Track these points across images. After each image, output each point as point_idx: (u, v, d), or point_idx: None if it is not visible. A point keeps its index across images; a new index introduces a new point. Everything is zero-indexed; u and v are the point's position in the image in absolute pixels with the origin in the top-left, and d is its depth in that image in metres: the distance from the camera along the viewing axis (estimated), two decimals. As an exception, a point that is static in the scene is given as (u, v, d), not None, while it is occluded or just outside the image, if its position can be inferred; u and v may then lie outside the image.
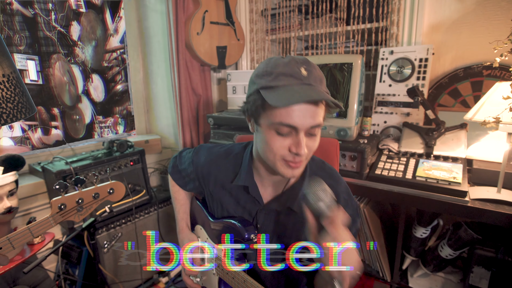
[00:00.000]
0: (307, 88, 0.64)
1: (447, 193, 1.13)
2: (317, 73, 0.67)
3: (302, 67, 0.65)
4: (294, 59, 0.66)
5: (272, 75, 0.65)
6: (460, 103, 1.46)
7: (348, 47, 1.84)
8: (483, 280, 1.17)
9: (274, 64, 0.67)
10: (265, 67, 0.68)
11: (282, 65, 0.65)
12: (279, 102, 0.62)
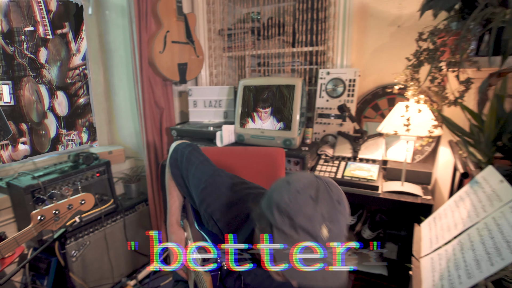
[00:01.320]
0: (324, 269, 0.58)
1: (366, 188, 1.44)
2: (340, 228, 0.60)
3: (324, 224, 0.58)
4: (321, 212, 0.59)
5: (291, 220, 0.59)
6: (379, 115, 1.82)
7: (294, 66, 2.14)
8: (393, 253, 1.51)
9: (298, 209, 0.59)
10: (288, 203, 0.60)
11: (305, 217, 0.58)
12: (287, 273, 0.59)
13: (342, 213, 0.62)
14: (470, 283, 0.55)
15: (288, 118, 1.68)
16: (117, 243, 2.02)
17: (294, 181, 0.63)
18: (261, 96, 1.76)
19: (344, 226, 0.63)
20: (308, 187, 0.61)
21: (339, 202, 0.62)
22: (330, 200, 0.61)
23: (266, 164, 1.18)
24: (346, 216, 0.63)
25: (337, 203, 0.61)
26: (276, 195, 0.63)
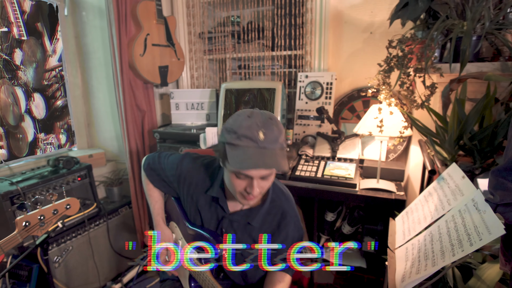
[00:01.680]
0: (261, 152, 0.81)
1: (344, 186, 1.53)
2: (273, 135, 0.82)
3: (260, 130, 0.81)
4: (256, 122, 0.82)
5: (236, 134, 0.82)
6: (356, 117, 1.92)
7: (274, 69, 2.21)
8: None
9: (239, 124, 0.83)
10: (233, 124, 0.84)
11: (245, 127, 0.81)
12: (235, 165, 0.81)
13: (274, 125, 0.84)
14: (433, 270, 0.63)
15: (269, 120, 1.75)
16: (101, 247, 2.00)
17: (234, 113, 0.88)
18: (243, 98, 1.81)
19: (278, 134, 0.84)
20: (245, 111, 0.86)
21: (271, 118, 0.85)
22: (263, 116, 0.84)
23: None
24: (279, 127, 0.85)
25: (269, 118, 0.84)
26: (224, 125, 0.88)
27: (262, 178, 0.86)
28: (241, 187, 0.87)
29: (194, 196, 1.05)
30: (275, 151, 0.83)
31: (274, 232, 1.00)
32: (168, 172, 1.10)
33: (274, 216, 1.01)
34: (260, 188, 0.87)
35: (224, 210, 1.00)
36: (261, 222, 0.99)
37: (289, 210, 1.02)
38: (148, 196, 1.17)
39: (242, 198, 0.90)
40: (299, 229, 1.05)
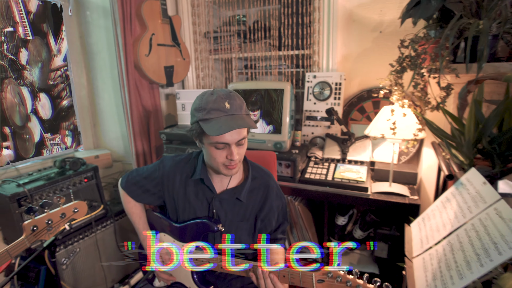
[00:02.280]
0: (231, 118, 0.92)
1: (355, 189, 1.50)
2: (237, 103, 0.94)
3: (225, 101, 0.92)
4: (219, 96, 0.93)
5: (205, 110, 0.92)
6: (366, 118, 1.89)
7: (281, 69, 2.17)
8: (383, 251, 1.58)
9: (206, 101, 0.93)
10: (200, 103, 0.94)
11: (211, 102, 0.92)
12: (213, 133, 0.89)
13: (236, 96, 0.95)
14: (462, 284, 0.60)
15: (277, 121, 1.72)
16: (108, 249, 1.99)
17: (198, 96, 0.98)
18: (250, 99, 1.78)
19: (241, 103, 0.96)
20: (207, 91, 0.97)
21: (231, 92, 0.96)
22: (223, 91, 0.95)
23: (258, 167, 1.22)
24: (240, 99, 0.97)
25: (229, 92, 0.95)
26: (192, 107, 0.97)
27: (238, 144, 0.95)
28: (222, 157, 0.96)
29: (180, 189, 1.11)
30: (242, 116, 0.94)
31: (261, 206, 1.08)
32: (150, 178, 1.15)
33: (258, 191, 1.09)
34: (239, 154, 0.96)
35: (211, 190, 1.07)
36: (248, 198, 1.07)
37: (270, 182, 1.12)
38: (130, 214, 1.22)
39: (225, 168, 0.98)
40: (281, 197, 1.14)
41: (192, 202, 1.09)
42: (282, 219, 1.14)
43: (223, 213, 1.08)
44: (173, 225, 1.12)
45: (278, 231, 1.14)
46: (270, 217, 1.10)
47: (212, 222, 1.03)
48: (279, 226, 1.14)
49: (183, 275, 1.11)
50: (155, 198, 1.17)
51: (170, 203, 1.14)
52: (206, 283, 1.10)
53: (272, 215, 1.10)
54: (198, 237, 1.05)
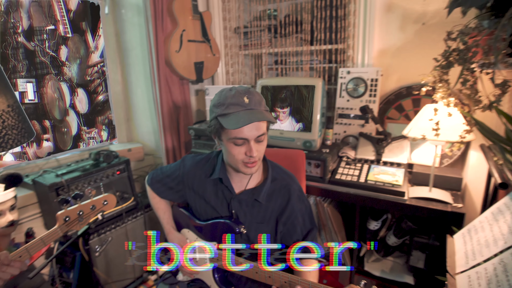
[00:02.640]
0: (250, 112, 0.89)
1: (391, 193, 1.40)
2: (256, 98, 0.92)
3: (244, 96, 0.90)
4: (238, 91, 0.91)
5: (224, 105, 0.90)
6: (404, 117, 1.76)
7: (313, 64, 2.09)
8: (420, 261, 1.47)
9: (224, 96, 0.91)
10: (218, 99, 0.93)
11: (230, 97, 0.90)
12: (232, 126, 0.87)
13: (255, 92, 0.93)
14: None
15: (307, 119, 1.65)
16: (138, 239, 2.05)
17: (217, 92, 0.96)
18: (279, 95, 1.73)
19: (260, 98, 0.94)
20: (225, 88, 0.94)
21: (250, 88, 0.94)
22: (241, 87, 0.94)
23: (286, 167, 1.16)
24: (259, 94, 0.95)
25: (248, 88, 0.94)
26: (211, 104, 0.96)
27: (257, 141, 0.93)
28: (241, 154, 0.93)
29: (200, 189, 1.10)
30: (261, 111, 0.92)
31: (282, 209, 1.04)
32: (172, 177, 1.17)
33: (279, 193, 1.05)
34: (258, 151, 0.93)
35: (230, 191, 1.05)
36: (267, 199, 1.04)
37: (291, 185, 1.06)
38: (156, 210, 1.24)
39: (244, 166, 0.95)
40: (304, 200, 1.09)
41: (212, 201, 1.08)
42: (310, 225, 1.08)
43: (242, 214, 1.05)
44: (196, 222, 1.12)
45: (307, 238, 1.07)
46: (294, 222, 1.04)
47: (234, 223, 1.01)
48: (308, 234, 1.07)
49: (205, 273, 1.10)
50: (178, 196, 1.18)
51: (192, 201, 1.14)
52: (227, 283, 1.08)
53: (295, 219, 1.04)
54: (220, 237, 1.03)
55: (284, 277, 0.87)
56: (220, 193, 1.07)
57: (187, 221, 1.16)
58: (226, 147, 0.95)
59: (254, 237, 1.04)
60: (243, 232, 1.01)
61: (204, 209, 1.10)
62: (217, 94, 0.95)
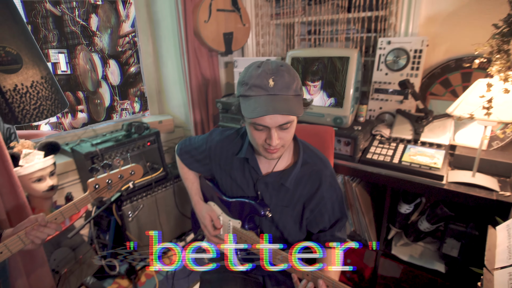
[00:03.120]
0: (271, 99, 0.79)
1: (427, 176, 1.29)
2: (284, 81, 0.80)
3: (270, 78, 0.79)
4: (265, 70, 0.80)
5: (247, 85, 0.81)
6: (450, 93, 1.58)
7: (349, 34, 1.92)
8: (454, 250, 1.37)
9: (249, 75, 0.82)
10: (244, 76, 0.84)
11: (255, 77, 0.80)
12: (248, 114, 0.80)
13: (285, 71, 0.81)
14: None
15: (340, 94, 1.54)
16: (168, 208, 2.14)
17: (246, 66, 0.86)
18: (311, 68, 1.62)
19: (290, 80, 0.81)
20: (255, 62, 0.85)
21: (282, 65, 0.82)
22: (272, 64, 0.82)
23: (313, 144, 1.09)
24: (291, 74, 0.82)
25: (280, 66, 0.81)
26: (238, 79, 0.87)
27: (280, 128, 0.84)
28: (262, 139, 0.86)
29: (226, 166, 1.06)
30: (288, 97, 0.81)
31: (310, 196, 0.97)
32: (199, 150, 1.13)
33: (308, 179, 0.98)
34: (281, 139, 0.85)
35: (256, 171, 1.00)
36: (295, 184, 0.98)
37: (323, 170, 0.98)
38: (184, 180, 1.22)
39: (265, 151, 0.89)
40: (335, 188, 1.00)
41: (238, 180, 1.04)
42: (340, 214, 1.02)
43: (267, 196, 1.00)
44: (221, 197, 1.10)
45: (335, 227, 1.01)
46: (322, 209, 0.98)
47: (260, 206, 0.98)
48: (336, 222, 1.01)
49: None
50: (205, 169, 1.16)
51: (218, 177, 1.11)
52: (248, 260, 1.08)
53: (323, 207, 0.98)
54: (244, 217, 1.02)
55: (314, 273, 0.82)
56: (247, 172, 1.02)
57: (213, 194, 1.16)
58: (248, 129, 0.89)
59: (279, 220, 1.00)
60: (269, 215, 0.97)
61: (230, 186, 1.08)
62: (245, 69, 0.85)
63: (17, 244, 0.89)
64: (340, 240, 1.01)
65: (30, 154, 1.40)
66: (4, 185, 1.22)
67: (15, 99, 1.17)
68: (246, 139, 1.02)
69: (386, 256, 1.58)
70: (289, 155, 1.01)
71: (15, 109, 1.18)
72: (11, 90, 1.16)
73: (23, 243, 0.90)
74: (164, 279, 1.93)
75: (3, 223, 1.19)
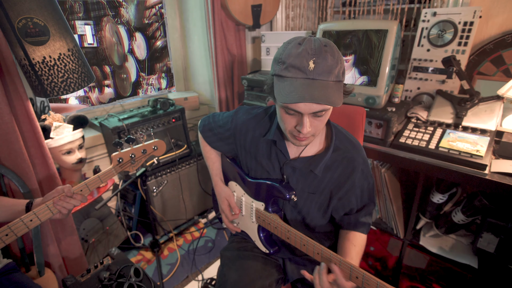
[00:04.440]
0: (309, 83, 0.70)
1: (468, 165, 1.17)
2: (327, 64, 0.70)
3: (311, 59, 0.70)
4: (307, 49, 0.70)
5: (284, 64, 0.72)
6: (502, 72, 1.40)
7: (389, 5, 1.75)
8: (490, 245, 1.26)
9: (288, 53, 0.72)
10: (282, 53, 0.74)
11: (294, 56, 0.71)
12: (280, 98, 0.72)
13: (329, 53, 0.70)
14: None
15: (374, 72, 1.42)
16: (191, 185, 2.18)
17: (285, 41, 0.77)
18: (343, 41, 1.50)
19: (333, 63, 0.71)
20: (296, 38, 0.74)
21: (326, 45, 0.71)
22: (316, 42, 0.72)
23: (342, 125, 1.01)
24: (335, 57, 0.72)
25: (324, 45, 0.71)
26: (274, 55, 0.78)
27: (314, 115, 0.76)
28: (291, 125, 0.79)
29: (252, 147, 1.01)
30: (328, 83, 0.71)
31: (340, 183, 0.91)
32: (224, 128, 1.08)
33: (339, 165, 0.91)
34: (313, 127, 0.77)
35: (284, 155, 0.94)
36: (324, 170, 0.91)
37: (356, 158, 0.91)
38: (206, 158, 1.18)
39: (293, 137, 0.82)
40: (368, 177, 0.94)
41: (263, 162, 0.99)
42: (368, 200, 0.96)
43: (294, 180, 0.95)
44: (245, 178, 1.06)
45: (361, 213, 0.96)
46: (350, 197, 0.93)
47: (285, 189, 0.92)
48: (363, 207, 0.96)
49: (250, 229, 1.10)
50: (229, 149, 1.11)
51: (242, 157, 1.07)
52: (271, 243, 1.06)
53: (352, 194, 0.92)
54: (268, 199, 0.98)
55: (335, 258, 0.79)
56: (273, 154, 0.97)
57: (235, 174, 1.12)
58: (279, 111, 0.81)
59: (303, 206, 0.96)
60: (294, 199, 0.93)
61: (255, 168, 1.03)
62: (284, 45, 0.76)
63: (46, 213, 0.93)
64: (364, 225, 0.96)
65: (60, 127, 1.45)
66: (36, 156, 1.27)
67: (44, 72, 1.18)
68: (275, 120, 0.95)
69: (413, 246, 1.50)
70: (321, 139, 0.94)
71: (44, 81, 1.20)
72: (40, 62, 1.17)
73: (51, 212, 0.93)
74: (185, 253, 1.99)
75: (35, 192, 1.25)
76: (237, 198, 1.12)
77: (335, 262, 0.78)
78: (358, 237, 0.95)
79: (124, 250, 1.99)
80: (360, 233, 0.96)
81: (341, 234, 0.99)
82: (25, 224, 0.89)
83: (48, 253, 1.35)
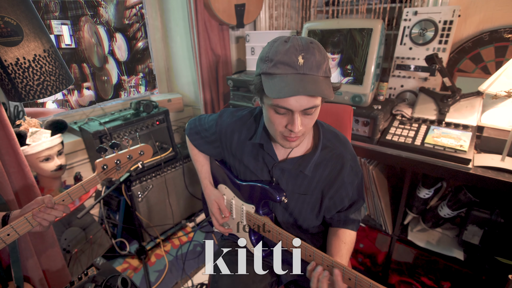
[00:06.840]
0: (300, 78, 0.69)
1: (452, 160, 1.20)
2: (315, 60, 0.70)
3: (300, 55, 0.69)
4: (294, 46, 0.70)
5: (272, 62, 0.71)
6: (480, 69, 1.45)
7: (371, 5, 1.77)
8: (475, 237, 1.30)
9: (275, 50, 0.71)
10: (268, 52, 0.73)
11: (281, 53, 0.70)
12: (272, 94, 0.70)
13: (316, 49, 0.71)
14: None
15: (359, 70, 1.43)
16: (178, 188, 2.13)
17: (270, 41, 0.76)
18: (329, 40, 1.50)
19: (320, 59, 0.71)
20: (281, 37, 0.74)
21: (311, 42, 0.72)
22: (302, 40, 0.71)
23: (330, 123, 1.01)
24: (322, 53, 0.72)
25: (310, 42, 0.71)
26: (259, 56, 0.77)
27: (304, 113, 0.74)
28: (282, 125, 0.77)
29: (238, 151, 0.99)
30: (318, 78, 0.71)
31: (330, 182, 0.91)
32: (209, 132, 1.06)
33: (327, 163, 0.90)
34: (303, 126, 0.76)
35: (272, 157, 0.92)
36: (314, 169, 0.90)
37: (344, 154, 0.90)
38: (194, 161, 1.16)
39: (283, 139, 0.80)
40: (357, 173, 0.93)
41: (251, 166, 0.97)
42: (357, 196, 0.96)
43: (284, 182, 0.93)
44: (234, 180, 1.04)
45: (350, 209, 0.96)
46: (342, 194, 0.92)
47: (275, 191, 0.91)
48: (353, 204, 0.96)
49: (241, 232, 1.07)
50: (216, 152, 1.09)
51: (229, 161, 1.05)
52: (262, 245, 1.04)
53: (343, 191, 0.92)
54: (258, 201, 0.96)
55: (327, 260, 0.78)
56: (260, 158, 0.95)
57: (225, 177, 1.10)
58: (267, 112, 0.79)
59: (294, 207, 0.95)
60: (285, 201, 0.92)
61: (243, 171, 1.01)
62: (269, 44, 0.75)
63: (24, 226, 0.87)
64: (354, 222, 0.97)
65: (37, 133, 1.37)
66: (11, 165, 1.20)
67: (17, 74, 1.11)
68: (261, 122, 0.93)
69: (401, 241, 1.53)
70: (309, 139, 0.93)
71: (18, 85, 1.13)
72: (12, 64, 1.10)
73: (30, 225, 0.87)
74: (174, 259, 1.94)
75: (11, 204, 1.18)
76: (227, 201, 1.09)
77: (328, 264, 0.77)
78: (348, 234, 0.95)
79: (109, 259, 1.92)
80: (350, 231, 0.96)
81: (331, 231, 0.99)
82: (1, 239, 0.83)
83: (27, 266, 1.27)
